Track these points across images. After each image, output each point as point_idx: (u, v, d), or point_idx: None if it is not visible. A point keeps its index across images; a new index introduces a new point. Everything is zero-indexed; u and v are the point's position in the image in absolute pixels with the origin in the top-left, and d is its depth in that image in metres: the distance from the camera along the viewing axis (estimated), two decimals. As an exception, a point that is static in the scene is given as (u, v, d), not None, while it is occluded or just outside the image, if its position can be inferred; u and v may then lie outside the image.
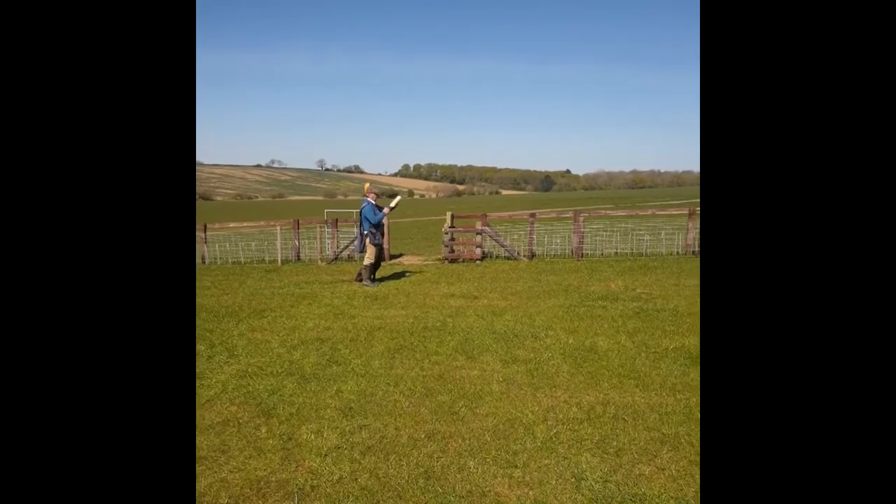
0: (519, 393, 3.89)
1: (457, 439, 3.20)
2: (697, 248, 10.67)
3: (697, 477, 2.64)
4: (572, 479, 2.68)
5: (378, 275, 9.33)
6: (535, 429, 3.28)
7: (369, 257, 8.91)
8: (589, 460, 2.86)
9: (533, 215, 12.79)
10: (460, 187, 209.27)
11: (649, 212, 12.83)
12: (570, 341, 5.12)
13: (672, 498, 2.47)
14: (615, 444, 3.03)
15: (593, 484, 2.63)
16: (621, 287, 7.80)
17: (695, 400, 3.56)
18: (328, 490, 2.67)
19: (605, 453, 2.93)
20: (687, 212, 11.07)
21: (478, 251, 12.21)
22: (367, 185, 9.57)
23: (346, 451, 3.06)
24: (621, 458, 2.87)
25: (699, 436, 3.07)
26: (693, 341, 4.86)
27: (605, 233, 12.27)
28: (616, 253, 11.63)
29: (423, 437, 3.25)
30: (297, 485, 2.73)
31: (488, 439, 3.18)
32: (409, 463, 2.93)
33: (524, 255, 12.19)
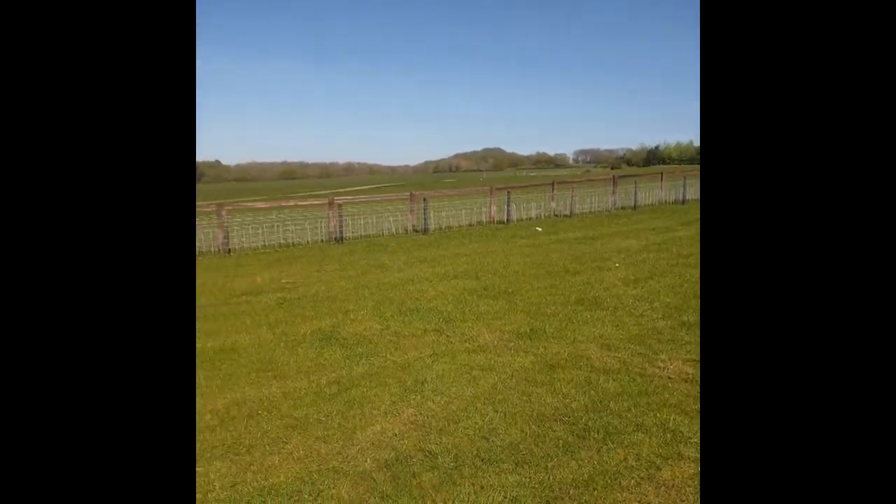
0: (144, 416, 3.45)
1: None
2: (338, 235, 11.59)
3: (322, 451, 2.89)
4: (198, 496, 2.55)
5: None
6: (159, 452, 2.97)
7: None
8: (219, 468, 2.77)
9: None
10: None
11: (292, 203, 13.23)
12: (210, 344, 4.83)
13: (297, 479, 2.63)
14: (247, 442, 3.03)
15: (221, 492, 2.56)
16: (267, 280, 7.81)
17: (325, 378, 3.88)
18: None
19: (236, 455, 2.89)
20: (327, 202, 11.87)
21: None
22: None
23: None
24: (253, 454, 2.89)
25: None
26: (328, 322, 5.28)
27: (251, 225, 12.02)
28: (263, 245, 11.56)
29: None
30: None
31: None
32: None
33: (163, 256, 10.83)
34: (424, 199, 12.78)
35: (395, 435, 3.00)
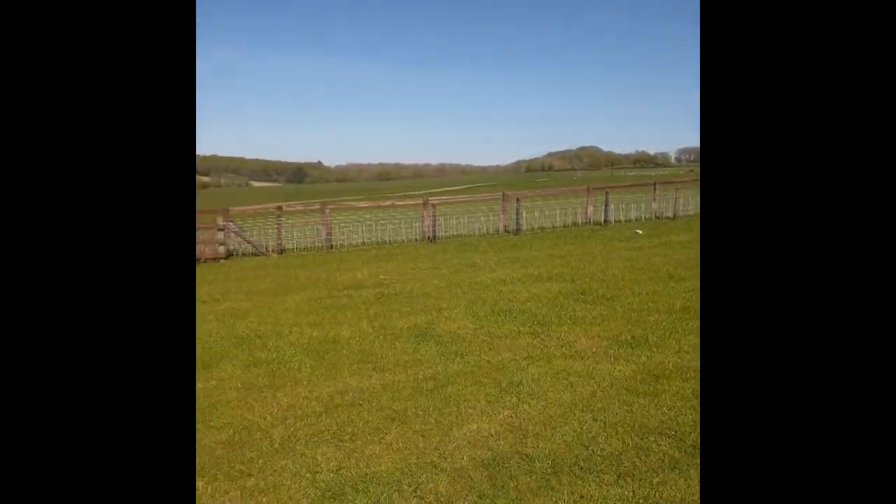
0: (259, 396, 3.75)
1: (185, 462, 2.93)
2: (431, 234, 11.84)
3: (420, 445, 2.96)
4: (308, 475, 2.72)
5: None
6: (272, 431, 3.22)
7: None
8: (325, 452, 2.93)
9: (280, 208, 12.39)
10: (205, 179, 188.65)
11: (389, 203, 13.71)
12: (315, 334, 5.15)
13: (397, 469, 2.72)
14: (350, 430, 3.18)
15: (327, 475, 2.71)
16: (366, 275, 8.16)
17: (422, 373, 3.97)
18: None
19: (340, 441, 3.05)
20: (422, 202, 12.17)
21: (221, 249, 11.28)
22: None
23: None
24: (355, 442, 3.03)
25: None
26: (423, 319, 5.40)
27: (352, 223, 12.63)
28: (363, 242, 12.10)
29: (142, 468, 2.88)
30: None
31: (221, 453, 3.00)
32: (123, 503, 2.57)
33: (273, 251, 11.73)
34: (517, 200, 12.69)
35: (492, 435, 3.01)
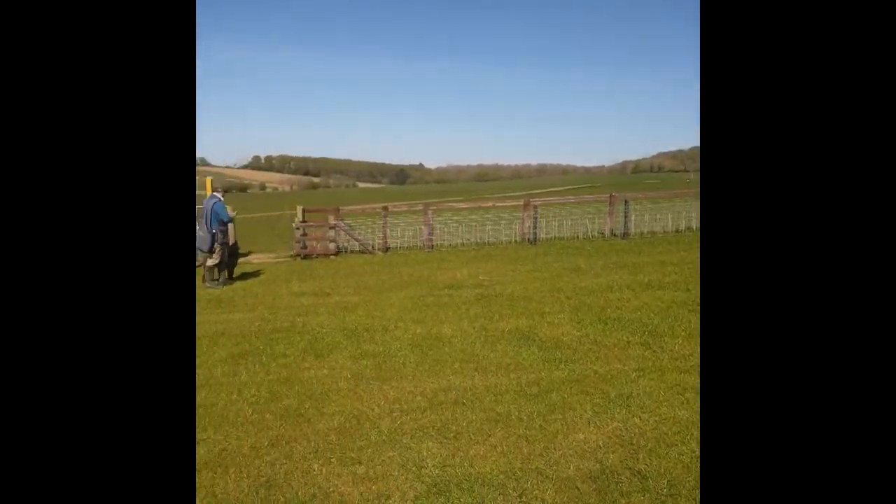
0: (367, 388, 3.93)
1: (301, 442, 3.15)
2: (531, 236, 11.69)
3: (524, 450, 2.92)
4: (414, 469, 2.79)
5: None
6: (380, 422, 3.35)
7: (216, 257, 8.28)
8: (430, 447, 3.00)
9: (386, 208, 12.91)
10: (316, 180, 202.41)
11: (490, 203, 13.74)
12: (418, 331, 5.29)
13: (502, 472, 2.71)
14: (454, 428, 3.22)
15: (433, 470, 2.77)
16: (466, 275, 8.24)
17: (525, 378, 3.92)
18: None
19: (444, 438, 3.10)
20: (522, 203, 12.06)
21: (331, 246, 11.98)
22: (208, 179, 8.83)
23: (175, 474, 2.82)
24: (459, 441, 3.06)
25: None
26: (525, 322, 5.34)
27: (452, 224, 12.83)
28: (462, 243, 12.24)
29: (266, 444, 3.15)
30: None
31: (334, 438, 3.18)
32: (250, 474, 2.82)
33: (378, 249, 12.25)
34: (626, 201, 12.14)
35: (600, 447, 2.89)
